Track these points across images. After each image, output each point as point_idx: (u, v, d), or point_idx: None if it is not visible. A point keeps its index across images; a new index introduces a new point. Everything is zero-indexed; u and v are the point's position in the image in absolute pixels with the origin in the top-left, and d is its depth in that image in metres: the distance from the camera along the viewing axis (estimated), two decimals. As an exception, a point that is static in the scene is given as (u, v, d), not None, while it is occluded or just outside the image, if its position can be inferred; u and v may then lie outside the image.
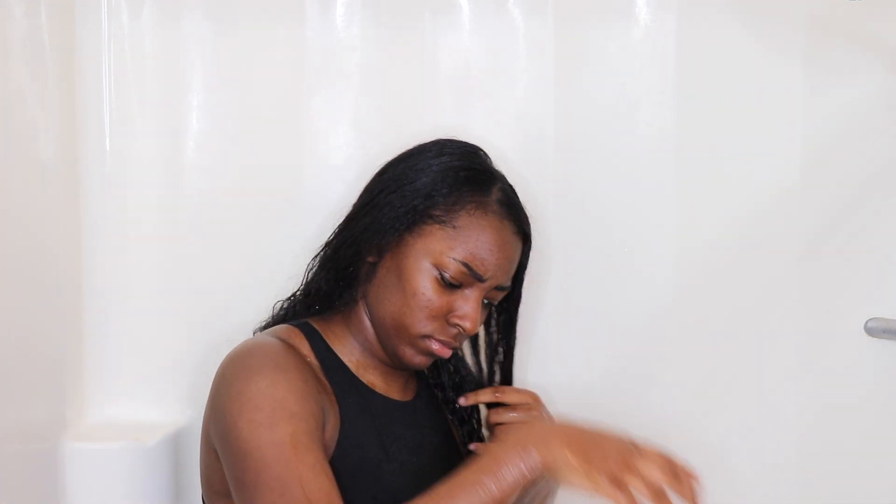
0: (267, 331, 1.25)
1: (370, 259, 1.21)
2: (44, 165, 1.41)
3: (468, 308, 1.17)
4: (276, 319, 1.31)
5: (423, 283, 1.16)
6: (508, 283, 1.21)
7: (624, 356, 1.55)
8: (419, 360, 1.20)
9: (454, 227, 1.17)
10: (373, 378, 1.23)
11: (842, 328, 1.54)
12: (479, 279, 1.17)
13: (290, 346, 1.18)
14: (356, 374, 1.22)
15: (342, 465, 1.13)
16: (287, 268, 1.52)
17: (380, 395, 1.22)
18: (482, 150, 1.27)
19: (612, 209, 1.54)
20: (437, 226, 1.17)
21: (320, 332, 1.23)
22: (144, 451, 1.45)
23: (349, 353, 1.23)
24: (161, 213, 1.52)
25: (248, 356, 1.15)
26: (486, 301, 1.20)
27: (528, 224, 1.23)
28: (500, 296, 1.22)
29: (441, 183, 1.19)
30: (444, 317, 1.17)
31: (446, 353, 1.19)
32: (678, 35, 1.50)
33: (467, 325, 1.16)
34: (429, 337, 1.18)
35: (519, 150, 1.52)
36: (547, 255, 1.46)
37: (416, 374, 1.30)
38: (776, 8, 1.50)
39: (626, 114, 1.52)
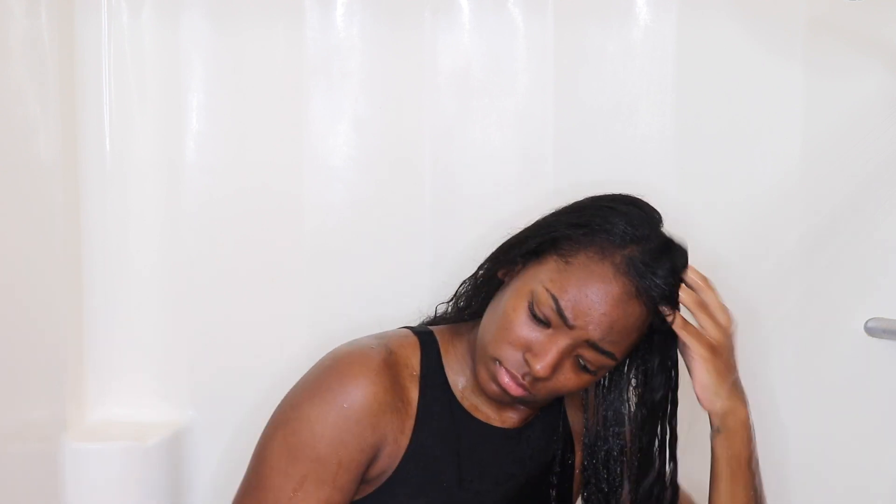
0: (384, 334, 1.20)
1: (500, 275, 1.17)
2: (44, 165, 1.41)
3: (545, 349, 1.08)
4: (434, 320, 1.29)
5: (515, 306, 1.10)
6: (607, 347, 1.09)
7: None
8: (490, 388, 1.12)
9: (567, 262, 1.10)
10: (478, 401, 1.19)
11: (842, 328, 1.54)
12: (565, 320, 1.07)
13: (385, 363, 1.14)
14: (457, 395, 1.18)
15: (402, 483, 1.14)
16: (287, 267, 1.53)
17: (477, 420, 1.18)
18: (657, 216, 1.16)
19: (612, 209, 1.54)
20: (556, 257, 1.11)
21: (440, 344, 1.19)
22: (144, 451, 1.45)
23: (460, 371, 1.18)
24: (161, 212, 1.52)
25: (331, 371, 1.13)
26: (582, 362, 1.10)
27: (666, 292, 1.10)
28: (598, 359, 1.09)
29: (587, 222, 1.13)
30: (523, 351, 1.09)
31: (514, 389, 1.10)
32: (678, 35, 1.50)
33: (536, 364, 1.07)
34: (499, 363, 1.10)
35: (519, 150, 1.52)
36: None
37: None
38: (776, 8, 1.50)
39: (626, 114, 1.52)
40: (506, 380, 1.10)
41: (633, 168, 1.52)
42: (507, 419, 1.20)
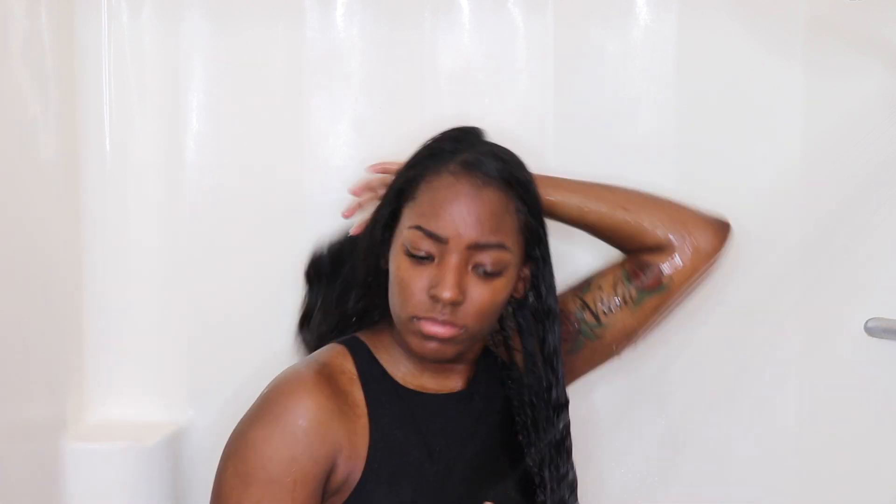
0: (313, 355, 1.23)
1: (383, 265, 1.20)
2: (44, 165, 1.41)
3: (442, 276, 1.10)
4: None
5: (398, 265, 1.14)
6: (493, 239, 1.12)
7: (622, 356, 1.55)
8: (426, 349, 1.14)
9: (415, 199, 1.16)
10: (424, 381, 1.21)
11: (842, 328, 1.54)
12: (437, 239, 1.11)
13: (319, 374, 1.16)
14: (402, 381, 1.20)
15: (376, 478, 1.15)
16: (287, 267, 1.52)
17: (429, 394, 1.20)
18: (477, 129, 1.24)
19: (612, 209, 1.54)
20: (406, 204, 1.17)
21: (368, 344, 1.21)
22: (144, 451, 1.45)
23: (396, 362, 1.21)
24: (161, 212, 1.52)
25: (269, 396, 1.16)
26: (483, 270, 1.12)
27: (504, 169, 1.15)
28: (492, 256, 1.12)
29: (415, 160, 1.20)
30: (427, 293, 1.12)
31: (440, 330, 1.12)
32: (678, 35, 1.50)
33: (442, 292, 1.10)
34: (416, 318, 1.13)
35: (519, 149, 1.51)
36: (547, 254, 1.45)
37: (474, 362, 1.25)
38: (776, 8, 1.50)
39: (626, 113, 1.52)
40: (431, 328, 1.12)
41: (634, 168, 1.51)
42: (449, 384, 1.22)
